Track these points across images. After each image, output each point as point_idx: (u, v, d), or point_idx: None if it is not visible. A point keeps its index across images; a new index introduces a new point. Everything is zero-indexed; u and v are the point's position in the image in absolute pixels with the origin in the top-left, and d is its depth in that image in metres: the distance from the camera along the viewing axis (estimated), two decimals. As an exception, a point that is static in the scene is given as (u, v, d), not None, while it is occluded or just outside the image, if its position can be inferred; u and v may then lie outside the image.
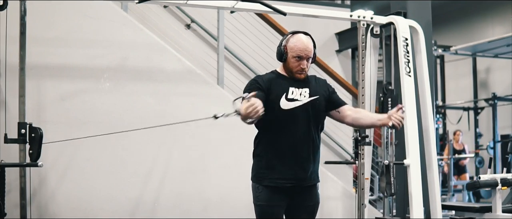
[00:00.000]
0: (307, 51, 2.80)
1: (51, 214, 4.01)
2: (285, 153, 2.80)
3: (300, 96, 2.82)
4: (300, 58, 2.80)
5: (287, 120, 2.78)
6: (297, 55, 2.80)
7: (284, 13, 3.79)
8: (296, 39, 2.82)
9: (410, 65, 4.12)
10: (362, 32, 4.25)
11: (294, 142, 2.80)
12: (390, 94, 4.22)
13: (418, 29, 4.30)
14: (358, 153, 4.24)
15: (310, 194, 2.89)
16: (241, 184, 4.48)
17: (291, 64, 2.82)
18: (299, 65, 2.81)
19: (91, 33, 4.22)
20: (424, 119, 4.28)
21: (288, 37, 2.86)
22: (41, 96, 4.01)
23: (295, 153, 2.80)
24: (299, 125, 2.80)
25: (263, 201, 2.82)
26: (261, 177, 2.84)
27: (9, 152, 3.52)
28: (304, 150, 2.82)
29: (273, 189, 2.80)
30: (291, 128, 2.79)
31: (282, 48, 2.84)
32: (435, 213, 4.24)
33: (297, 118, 2.79)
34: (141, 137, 4.27)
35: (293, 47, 2.80)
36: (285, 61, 2.85)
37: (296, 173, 2.81)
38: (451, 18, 12.20)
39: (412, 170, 3.97)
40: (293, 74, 2.84)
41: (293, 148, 2.80)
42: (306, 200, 2.88)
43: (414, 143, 4.03)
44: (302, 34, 2.85)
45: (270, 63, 5.42)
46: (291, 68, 2.83)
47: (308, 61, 2.83)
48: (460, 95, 12.01)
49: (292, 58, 2.81)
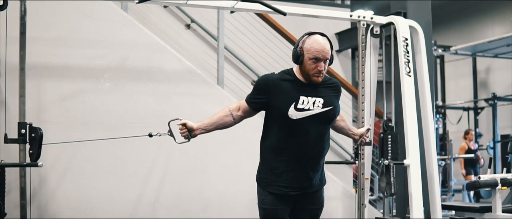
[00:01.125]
0: (324, 52, 2.67)
1: (51, 214, 4.01)
2: (291, 162, 2.73)
3: (313, 105, 2.71)
4: (317, 60, 2.67)
5: (296, 129, 2.69)
6: (314, 57, 2.66)
7: (284, 13, 3.79)
8: (312, 40, 2.69)
9: (410, 65, 4.12)
10: (362, 32, 4.25)
11: (302, 151, 2.72)
12: (390, 131, 4.22)
13: (418, 29, 4.31)
14: (358, 153, 4.24)
15: (315, 198, 2.85)
16: (241, 184, 4.50)
17: (307, 67, 2.69)
18: (317, 67, 2.68)
19: (91, 33, 4.22)
20: (424, 119, 4.28)
21: (304, 38, 2.73)
22: (41, 96, 4.01)
23: (302, 163, 2.74)
24: (308, 134, 2.71)
25: (268, 205, 2.78)
26: (266, 183, 2.79)
27: (9, 152, 3.53)
28: (312, 160, 2.76)
29: (278, 196, 2.76)
30: (299, 138, 2.70)
31: (298, 50, 2.70)
32: (435, 213, 4.25)
33: (307, 127, 2.70)
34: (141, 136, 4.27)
35: (310, 48, 2.67)
36: (301, 64, 2.71)
37: (301, 182, 2.76)
38: (451, 18, 12.20)
39: (412, 170, 3.97)
40: (309, 77, 2.71)
41: (300, 157, 2.73)
42: (311, 204, 2.84)
43: (414, 143, 4.03)
44: (319, 35, 2.72)
45: (270, 63, 5.44)
46: (308, 71, 2.70)
47: (326, 63, 2.70)
48: (460, 95, 12.01)
49: (308, 60, 2.67)
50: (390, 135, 4.17)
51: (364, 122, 4.21)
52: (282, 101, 2.69)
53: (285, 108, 2.67)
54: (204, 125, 2.79)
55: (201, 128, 2.79)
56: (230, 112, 2.80)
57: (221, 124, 2.80)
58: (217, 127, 2.81)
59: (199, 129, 2.79)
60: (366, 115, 4.29)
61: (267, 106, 2.75)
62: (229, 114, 2.80)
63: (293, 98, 2.69)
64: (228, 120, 2.80)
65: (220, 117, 2.80)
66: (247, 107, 2.80)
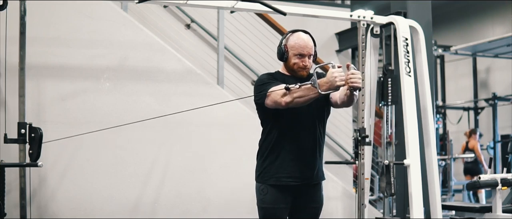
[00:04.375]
0: (308, 48, 2.79)
1: (51, 214, 4.01)
2: (291, 151, 2.79)
3: None
4: (302, 56, 2.79)
5: (292, 118, 2.78)
6: (299, 53, 2.79)
7: (284, 13, 3.79)
8: (296, 37, 2.81)
9: (410, 65, 4.12)
10: (362, 32, 4.25)
11: (300, 139, 2.80)
12: (390, 74, 4.20)
13: (418, 29, 4.30)
14: (358, 153, 4.24)
15: (315, 194, 2.89)
16: (241, 184, 4.50)
17: (292, 63, 2.81)
18: (301, 62, 2.79)
19: (91, 33, 4.22)
20: (424, 119, 4.28)
21: (288, 36, 2.84)
22: (41, 96, 4.01)
23: (301, 151, 2.81)
24: (303, 122, 2.80)
25: (268, 203, 2.81)
26: (266, 176, 2.82)
27: (9, 152, 3.53)
28: (310, 147, 2.82)
29: (279, 188, 2.80)
30: (296, 126, 2.79)
31: (282, 47, 2.82)
32: (435, 213, 4.25)
33: (301, 115, 2.78)
34: (141, 136, 4.28)
35: (294, 45, 2.79)
36: (286, 61, 2.84)
37: (303, 171, 2.81)
38: (451, 18, 12.19)
39: (412, 170, 3.97)
40: (295, 72, 2.82)
41: (298, 146, 2.80)
42: (310, 201, 2.87)
43: (414, 143, 4.03)
44: (302, 32, 2.84)
45: (270, 63, 5.44)
46: (293, 67, 2.82)
47: (309, 58, 2.82)
48: (460, 95, 12.01)
49: (293, 56, 2.80)
50: (390, 78, 4.15)
51: (364, 122, 4.21)
52: None
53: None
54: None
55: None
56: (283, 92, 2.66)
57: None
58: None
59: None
60: (366, 115, 4.29)
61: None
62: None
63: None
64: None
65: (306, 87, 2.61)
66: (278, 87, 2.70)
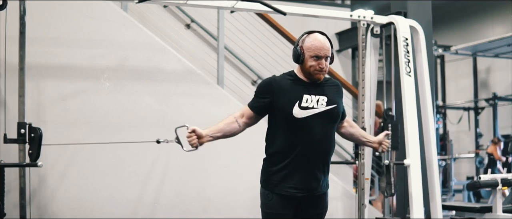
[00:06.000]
0: (324, 50, 2.68)
1: (51, 214, 4.01)
2: (298, 162, 2.70)
3: (317, 103, 2.70)
4: (318, 58, 2.67)
5: (301, 128, 2.68)
6: (315, 55, 2.67)
7: (284, 13, 3.79)
8: (312, 38, 2.70)
9: (410, 65, 4.12)
10: (362, 32, 4.25)
11: (309, 151, 2.70)
12: (390, 120, 4.22)
13: (418, 29, 4.30)
14: (358, 153, 4.24)
15: (320, 202, 2.84)
16: (241, 184, 4.50)
17: (309, 65, 2.69)
18: (318, 65, 2.68)
19: (91, 33, 4.22)
20: (424, 119, 4.28)
21: (304, 37, 2.73)
22: (41, 96, 4.01)
23: (309, 163, 2.72)
24: (314, 133, 2.69)
25: (272, 210, 2.74)
26: (272, 184, 2.74)
27: (9, 152, 3.52)
28: (319, 160, 2.75)
29: (284, 197, 2.73)
30: (305, 137, 2.69)
31: (298, 49, 2.70)
32: (435, 213, 4.24)
33: (311, 126, 2.69)
34: (141, 137, 4.27)
35: (311, 46, 2.68)
36: (302, 63, 2.71)
37: (309, 183, 2.73)
38: (451, 18, 12.19)
39: (412, 170, 3.97)
40: (311, 75, 2.71)
41: (307, 157, 2.70)
42: (315, 207, 2.83)
43: (414, 143, 4.03)
44: (318, 33, 2.73)
45: (270, 63, 5.44)
46: (309, 69, 2.69)
47: (326, 60, 2.70)
48: (460, 95, 12.01)
49: (309, 58, 2.68)
50: (390, 124, 4.17)
51: (364, 122, 4.21)
52: (286, 101, 2.68)
53: (290, 107, 2.67)
54: (212, 132, 2.71)
55: (209, 135, 2.70)
56: (235, 119, 2.75)
57: (228, 131, 2.75)
58: (225, 134, 2.75)
59: (207, 136, 2.70)
60: (366, 115, 4.29)
61: (271, 107, 2.72)
62: (234, 121, 2.74)
63: (297, 97, 2.68)
64: (234, 127, 2.75)
65: (227, 124, 2.74)
66: (251, 113, 2.76)
